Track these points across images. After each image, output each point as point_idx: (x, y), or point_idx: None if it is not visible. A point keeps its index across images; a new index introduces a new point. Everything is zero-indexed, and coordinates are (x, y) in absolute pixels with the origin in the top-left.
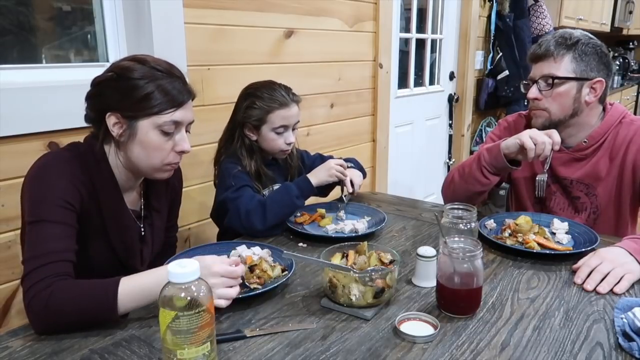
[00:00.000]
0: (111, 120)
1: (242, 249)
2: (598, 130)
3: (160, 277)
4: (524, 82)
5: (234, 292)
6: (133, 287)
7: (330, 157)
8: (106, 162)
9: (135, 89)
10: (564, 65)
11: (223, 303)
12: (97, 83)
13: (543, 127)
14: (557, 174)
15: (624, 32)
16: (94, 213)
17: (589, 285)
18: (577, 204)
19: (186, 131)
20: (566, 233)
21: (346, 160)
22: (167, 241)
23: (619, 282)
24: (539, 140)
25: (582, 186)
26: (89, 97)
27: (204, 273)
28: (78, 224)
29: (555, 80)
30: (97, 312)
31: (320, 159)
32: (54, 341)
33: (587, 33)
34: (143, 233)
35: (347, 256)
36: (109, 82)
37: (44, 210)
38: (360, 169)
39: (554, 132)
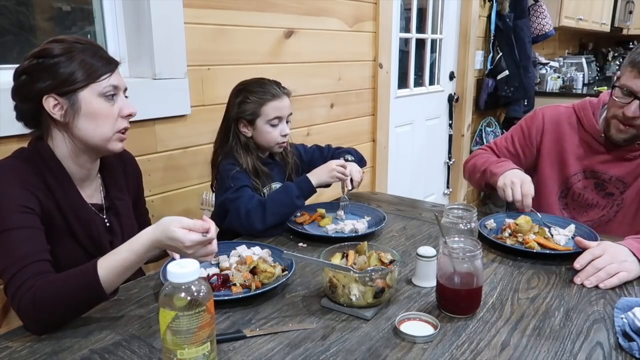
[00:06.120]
0: (49, 103)
1: (242, 249)
2: None
3: (135, 247)
4: (616, 85)
5: (214, 247)
6: (112, 264)
7: (329, 146)
8: (55, 159)
9: (63, 64)
10: None
11: (209, 259)
12: (21, 72)
13: (624, 142)
14: (594, 170)
15: (624, 32)
16: (55, 213)
17: (578, 279)
18: (608, 200)
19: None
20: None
21: (345, 151)
22: (144, 226)
23: (610, 278)
24: (515, 199)
25: (620, 184)
26: (17, 89)
27: (179, 246)
28: (43, 226)
29: None
30: (84, 297)
31: (319, 150)
32: (54, 341)
33: None
34: (108, 224)
35: (347, 256)
36: (34, 67)
37: (4, 220)
38: (361, 159)
39: (528, 197)
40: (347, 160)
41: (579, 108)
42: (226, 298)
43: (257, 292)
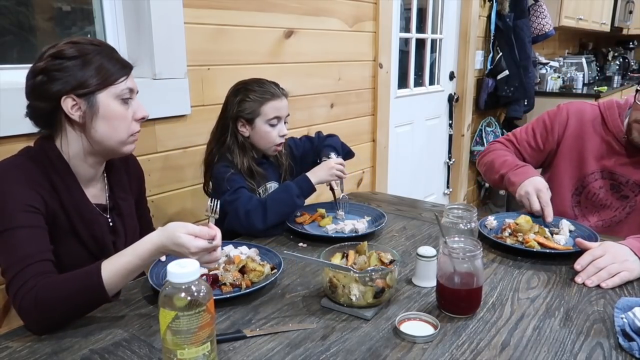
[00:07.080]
0: (68, 103)
1: (229, 249)
2: None
3: (140, 251)
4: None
5: (219, 254)
6: (116, 267)
7: (318, 134)
8: (61, 159)
9: (82, 66)
10: None
11: (212, 265)
12: (39, 71)
13: None
14: (613, 171)
15: (624, 32)
16: (59, 213)
17: (579, 278)
18: (621, 202)
19: None
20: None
21: (328, 136)
22: (146, 227)
23: (612, 277)
24: (534, 211)
25: (637, 187)
26: (34, 88)
27: (184, 252)
28: (47, 225)
29: None
30: (87, 299)
31: (309, 142)
32: (54, 341)
33: None
34: (112, 225)
35: (347, 256)
36: (51, 67)
37: (8, 218)
38: (348, 152)
39: (549, 207)
40: (329, 158)
41: (605, 107)
42: (217, 297)
43: (247, 290)
